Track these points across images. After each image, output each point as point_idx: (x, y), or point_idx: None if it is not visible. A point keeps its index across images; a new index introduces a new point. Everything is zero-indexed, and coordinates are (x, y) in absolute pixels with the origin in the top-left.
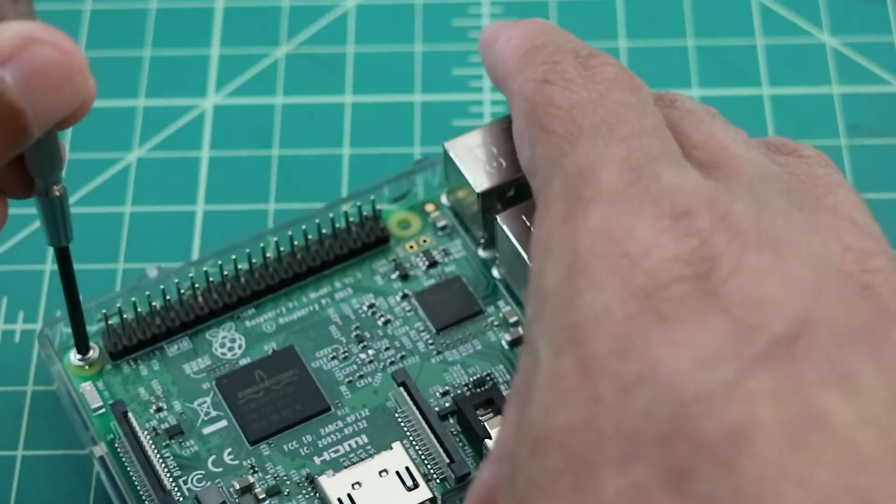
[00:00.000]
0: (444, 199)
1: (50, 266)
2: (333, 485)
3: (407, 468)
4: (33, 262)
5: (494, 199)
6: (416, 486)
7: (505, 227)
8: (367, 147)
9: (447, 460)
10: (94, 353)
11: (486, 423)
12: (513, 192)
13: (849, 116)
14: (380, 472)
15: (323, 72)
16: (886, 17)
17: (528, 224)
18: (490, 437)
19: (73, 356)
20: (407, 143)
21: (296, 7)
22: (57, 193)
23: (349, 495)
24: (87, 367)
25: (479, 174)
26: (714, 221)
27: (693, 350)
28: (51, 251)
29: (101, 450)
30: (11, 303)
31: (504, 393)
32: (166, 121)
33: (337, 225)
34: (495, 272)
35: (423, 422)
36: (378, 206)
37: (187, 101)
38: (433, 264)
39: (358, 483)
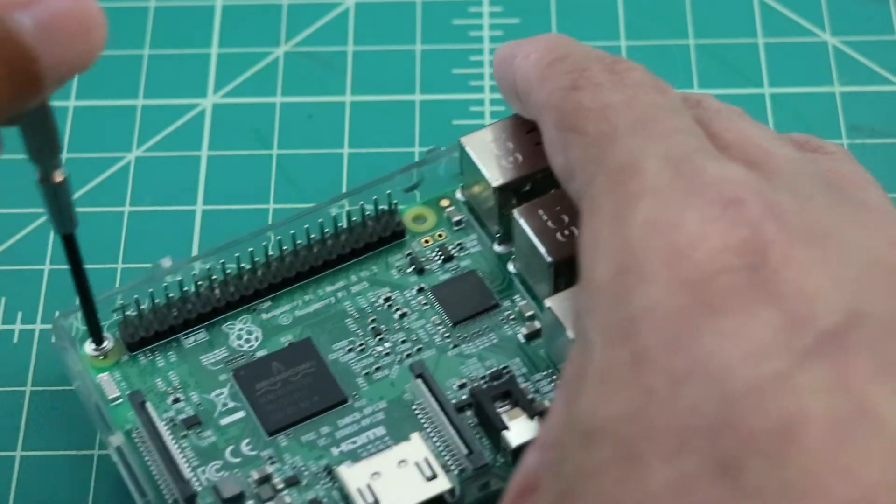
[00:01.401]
0: (458, 195)
1: (49, 266)
2: (353, 475)
3: (426, 459)
4: (32, 263)
5: (510, 194)
6: (434, 476)
7: (521, 222)
8: (366, 147)
9: (465, 451)
10: (108, 344)
11: (504, 416)
12: (529, 187)
13: (850, 116)
14: (399, 463)
15: (323, 71)
16: (888, 17)
17: (545, 218)
18: (507, 430)
19: (88, 346)
20: (407, 142)
21: (295, 6)
22: (59, 178)
23: (368, 485)
24: (102, 357)
25: (495, 169)
26: (763, 212)
27: (743, 342)
28: (50, 251)
29: (117, 439)
30: (10, 303)
31: (521, 386)
32: (166, 120)
33: (353, 219)
34: (511, 267)
35: (440, 413)
36: (394, 201)
37: (187, 100)
38: (448, 259)
39: (377, 473)
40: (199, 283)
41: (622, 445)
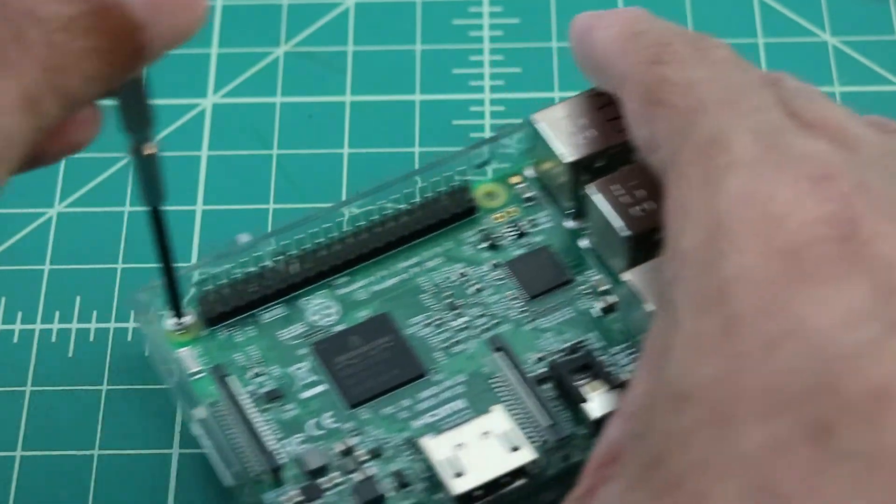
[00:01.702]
0: (529, 171)
1: (49, 266)
2: (437, 446)
3: (509, 430)
4: (32, 263)
5: (582, 170)
6: (518, 447)
7: (597, 197)
8: (367, 147)
9: (547, 423)
10: (188, 319)
11: (583, 388)
12: (600, 163)
13: None
14: (482, 434)
15: (323, 71)
16: (888, 17)
17: (619, 193)
18: (587, 402)
19: (168, 321)
20: (407, 142)
21: (295, 6)
22: (150, 151)
23: (453, 456)
24: (181, 332)
25: (567, 145)
26: (852, 187)
27: (837, 309)
28: (50, 251)
29: (202, 412)
30: (10, 303)
31: (599, 359)
32: (165, 120)
33: (428, 194)
34: (583, 242)
35: (521, 386)
36: (467, 177)
37: (186, 100)
38: (521, 235)
39: (461, 444)
40: (277, 258)
41: (714, 408)
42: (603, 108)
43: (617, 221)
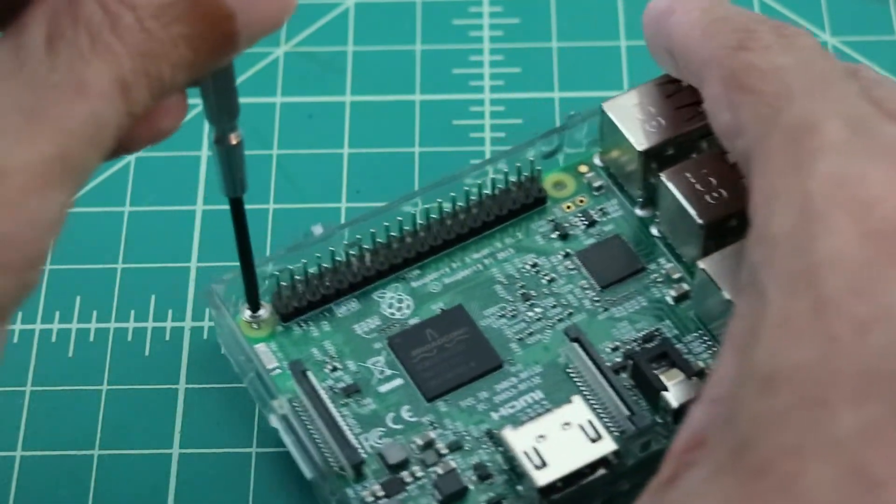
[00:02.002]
0: (596, 160)
1: (49, 266)
2: (518, 438)
3: (589, 421)
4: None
5: (653, 158)
6: (599, 437)
7: (670, 185)
8: (366, 147)
9: (626, 413)
10: (264, 312)
11: (662, 377)
12: (671, 150)
13: None
14: (563, 425)
15: (323, 71)
16: (888, 17)
17: (692, 181)
18: (667, 390)
19: (245, 312)
20: (407, 142)
21: None
22: (234, 141)
23: (534, 448)
24: (256, 325)
25: (639, 133)
26: None
27: None
28: (50, 252)
29: (282, 407)
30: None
31: (676, 347)
32: None
33: (499, 186)
34: (654, 230)
35: (598, 376)
36: (537, 167)
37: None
38: (592, 224)
39: (542, 436)
40: (350, 252)
41: (805, 392)
42: (671, 96)
43: (692, 209)
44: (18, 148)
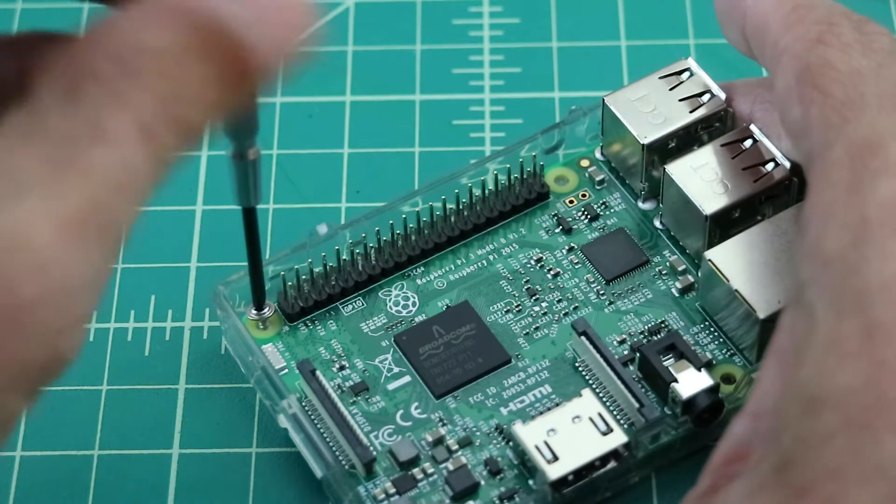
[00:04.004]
0: (598, 154)
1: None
2: (528, 432)
3: (599, 413)
4: None
5: (655, 151)
6: (610, 430)
7: (675, 177)
8: (366, 147)
9: (636, 405)
10: (268, 311)
11: (670, 369)
12: (673, 143)
13: None
14: (573, 419)
15: (323, 71)
16: (888, 17)
17: (696, 173)
18: (677, 382)
19: (250, 312)
20: (407, 142)
21: None
22: (252, 157)
23: (545, 442)
24: (263, 325)
25: (642, 127)
26: None
27: None
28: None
29: (293, 407)
30: None
31: (683, 338)
32: None
33: (500, 181)
34: (657, 223)
35: (607, 369)
36: (540, 163)
37: None
38: (595, 217)
39: (553, 430)
40: (355, 251)
41: (851, 416)
42: (673, 88)
43: (697, 200)
44: (45, 202)
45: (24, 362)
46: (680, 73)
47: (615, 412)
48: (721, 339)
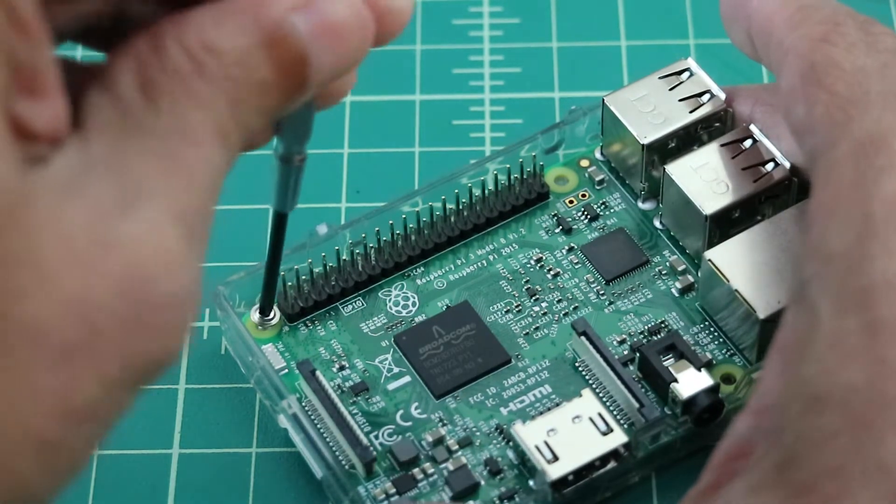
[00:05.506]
0: (598, 154)
1: None
2: (528, 432)
3: (599, 413)
4: None
5: (655, 151)
6: (610, 430)
7: (674, 177)
8: (366, 147)
9: (636, 405)
10: (275, 318)
11: (670, 369)
12: (673, 143)
13: None
14: (573, 419)
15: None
16: (888, 17)
17: (696, 173)
18: (677, 382)
19: (255, 315)
20: (407, 142)
21: None
22: (297, 163)
23: (545, 442)
24: (262, 326)
25: (642, 127)
26: None
27: None
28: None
29: (293, 407)
30: None
31: (683, 338)
32: None
33: (500, 181)
34: (657, 223)
35: (607, 369)
36: (540, 163)
37: None
38: (594, 217)
39: (553, 430)
40: (355, 251)
41: (853, 414)
42: (673, 88)
43: (697, 200)
44: (166, 201)
45: (148, 360)
46: (680, 73)
47: (615, 412)
48: (721, 339)
